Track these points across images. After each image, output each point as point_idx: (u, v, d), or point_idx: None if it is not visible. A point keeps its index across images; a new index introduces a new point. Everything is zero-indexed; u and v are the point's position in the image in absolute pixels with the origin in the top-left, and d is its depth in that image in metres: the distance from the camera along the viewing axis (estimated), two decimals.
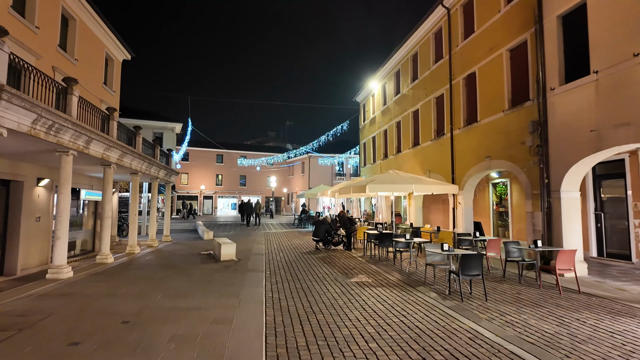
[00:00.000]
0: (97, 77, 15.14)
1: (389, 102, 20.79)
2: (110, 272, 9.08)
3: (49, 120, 6.99)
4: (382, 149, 21.81)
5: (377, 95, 23.06)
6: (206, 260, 11.00)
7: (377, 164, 22.67)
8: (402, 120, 18.88)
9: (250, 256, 11.63)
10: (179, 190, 47.16)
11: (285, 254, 12.47)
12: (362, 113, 26.41)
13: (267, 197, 51.83)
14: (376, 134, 22.94)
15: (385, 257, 11.62)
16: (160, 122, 41.98)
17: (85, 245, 16.20)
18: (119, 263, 10.40)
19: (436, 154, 15.39)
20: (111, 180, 10.65)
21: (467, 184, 13.15)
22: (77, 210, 15.61)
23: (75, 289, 7.11)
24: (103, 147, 9.61)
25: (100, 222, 10.54)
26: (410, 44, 17.90)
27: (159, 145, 15.72)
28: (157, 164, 14.56)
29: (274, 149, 55.19)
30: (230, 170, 50.68)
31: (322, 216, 13.95)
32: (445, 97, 14.72)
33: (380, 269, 9.66)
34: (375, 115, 23.06)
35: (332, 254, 12.48)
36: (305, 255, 12.03)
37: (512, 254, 8.71)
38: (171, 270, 9.27)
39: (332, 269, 9.57)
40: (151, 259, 11.41)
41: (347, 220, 13.39)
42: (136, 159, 12.12)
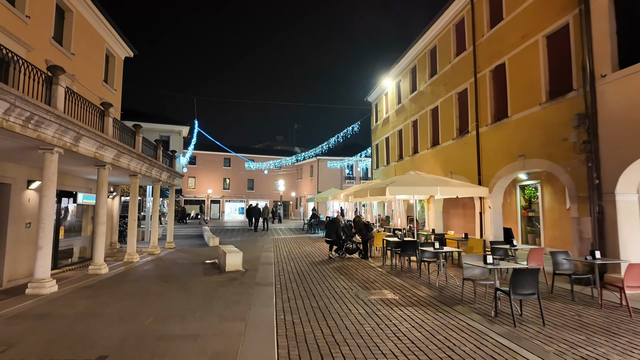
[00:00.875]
0: (96, 74, 14.28)
1: (404, 101, 19.66)
2: (101, 285, 8.06)
3: (25, 111, 6.01)
4: (397, 150, 20.65)
5: (390, 93, 21.95)
6: (210, 270, 9.94)
7: (391, 166, 21.51)
8: (419, 119, 17.73)
9: (259, 266, 10.54)
10: (186, 194, 46.43)
11: (296, 263, 11.37)
12: (374, 113, 25.30)
13: (275, 201, 50.81)
14: (390, 135, 21.80)
15: (407, 267, 10.46)
16: (167, 125, 41.24)
17: (84, 252, 15.28)
18: (113, 274, 9.39)
19: (459, 154, 14.20)
20: (106, 182, 9.68)
21: (496, 186, 11.94)
22: (75, 215, 14.71)
23: (54, 308, 6.08)
24: (95, 146, 8.64)
25: (94, 229, 9.57)
26: (427, 37, 16.79)
27: (161, 145, 14.78)
28: (158, 166, 13.61)
29: (282, 153, 54.25)
30: (237, 174, 49.86)
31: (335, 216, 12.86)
32: (469, 92, 13.56)
33: (405, 282, 8.50)
34: (389, 115, 21.94)
35: (348, 263, 11.34)
36: (319, 265, 10.91)
37: (561, 266, 7.50)
38: (169, 284, 8.22)
39: (351, 282, 8.44)
40: (150, 269, 10.39)
41: (363, 225, 12.26)
42: (135, 159, 11.16)
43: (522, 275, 5.59)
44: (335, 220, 12.71)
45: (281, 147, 69.63)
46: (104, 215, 9.63)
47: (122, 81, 17.16)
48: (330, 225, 12.55)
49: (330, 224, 12.60)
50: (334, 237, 12.28)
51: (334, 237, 12.27)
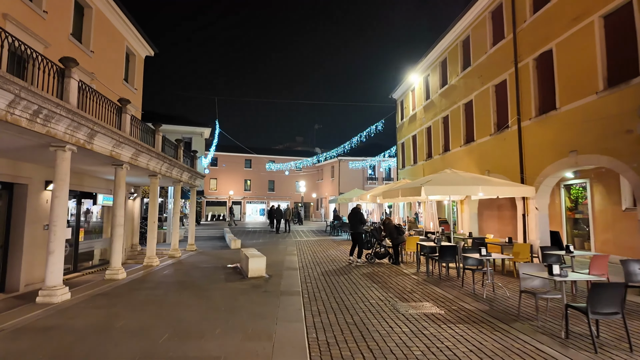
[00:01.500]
0: (116, 73, 13.97)
1: (433, 96, 18.61)
2: (117, 292, 7.52)
3: (32, 103, 5.50)
4: (425, 148, 19.61)
5: (417, 89, 20.92)
6: (231, 276, 9.30)
7: (418, 165, 20.47)
8: (451, 114, 16.67)
9: (283, 271, 9.84)
10: (208, 195, 46.55)
11: (322, 268, 10.61)
12: (399, 111, 24.29)
13: (296, 203, 50.32)
14: (417, 132, 20.76)
15: (445, 274, 9.52)
16: (189, 127, 41.30)
17: (105, 254, 14.99)
18: (130, 279, 8.88)
19: (497, 151, 13.10)
20: (123, 182, 9.20)
21: (542, 185, 10.84)
22: (96, 216, 14.44)
23: (62, 320, 5.53)
24: (111, 143, 8.15)
25: (111, 231, 9.11)
26: (459, 28, 15.73)
27: (182, 145, 14.33)
28: (179, 166, 13.14)
29: (303, 153, 53.73)
30: (258, 175, 49.65)
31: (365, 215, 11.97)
32: (509, 84, 12.47)
33: (447, 292, 7.59)
34: (416, 112, 20.91)
35: (378, 268, 10.49)
36: (347, 271, 10.11)
37: (634, 277, 6.44)
38: (189, 291, 7.60)
39: (386, 292, 7.60)
40: (169, 273, 9.85)
41: (394, 228, 11.37)
42: (154, 159, 10.67)
43: (603, 291, 4.64)
44: (356, 211, 11.81)
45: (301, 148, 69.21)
46: (121, 217, 9.15)
47: (143, 81, 16.89)
48: (353, 217, 11.68)
49: (353, 216, 11.73)
50: (360, 227, 11.45)
51: (359, 228, 11.42)
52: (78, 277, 11.73)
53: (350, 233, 11.79)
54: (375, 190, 16.38)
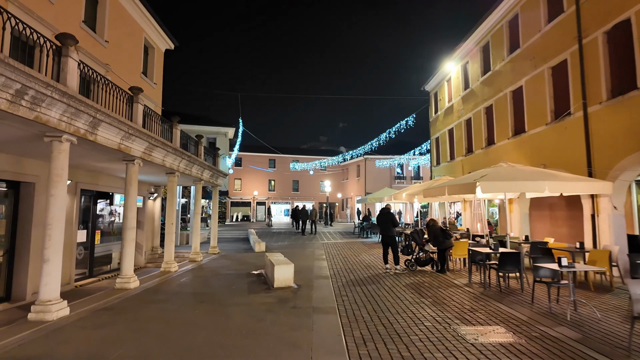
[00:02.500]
0: (133, 66, 13.21)
1: (473, 85, 16.95)
2: (123, 306, 6.52)
3: (13, 81, 4.52)
4: (464, 143, 17.94)
5: (454, 79, 19.26)
6: (255, 285, 8.18)
7: (456, 161, 18.81)
8: (496, 104, 15.00)
9: (313, 280, 8.63)
10: (232, 196, 46.13)
11: (356, 275, 9.33)
12: (432, 104, 22.65)
13: (321, 203, 49.20)
14: (454, 126, 19.10)
15: (505, 286, 8.03)
16: (213, 127, 41.07)
17: None
18: (143, 289, 7.90)
19: (555, 142, 11.41)
20: (135, 179, 8.24)
21: (617, 180, 9.14)
22: (113, 217, 13.73)
23: (49, 347, 4.51)
24: (119, 135, 7.19)
25: (123, 234, 8.18)
26: (505, 6, 14.06)
27: (202, 142, 13.41)
28: (199, 163, 12.19)
29: (327, 153, 52.52)
30: (282, 175, 48.85)
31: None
32: (571, 64, 10.77)
33: (516, 311, 6.15)
34: (453, 103, 19.25)
35: (422, 278, 9.11)
36: (386, 281, 8.78)
37: None
38: (205, 306, 6.51)
39: (442, 311, 6.24)
40: (186, 282, 8.83)
41: (440, 232, 9.94)
42: (171, 154, 9.71)
43: None
44: (385, 211, 10.36)
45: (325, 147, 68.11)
46: (133, 219, 8.19)
47: (163, 76, 16.15)
48: (383, 218, 10.29)
49: (383, 217, 10.31)
50: (393, 230, 10.04)
51: (390, 231, 10.01)
52: (93, 283, 10.96)
53: (381, 236, 10.41)
54: (411, 188, 14.92)
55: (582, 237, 10.36)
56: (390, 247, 10.09)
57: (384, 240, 10.21)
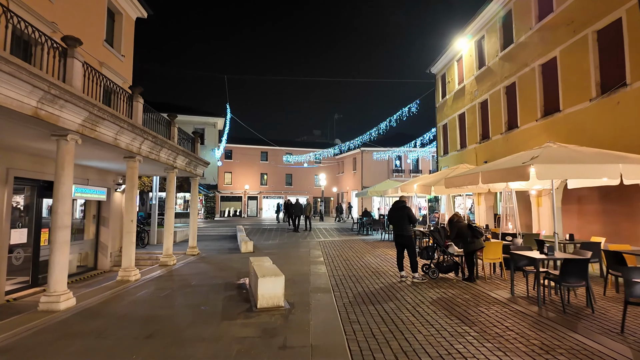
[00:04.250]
0: (93, 30, 10.96)
1: (491, 62, 14.94)
2: (32, 343, 4.40)
3: None
4: (478, 128, 15.95)
5: (466, 57, 17.23)
6: (233, 304, 6.10)
7: (468, 149, 16.83)
8: (519, 81, 13.01)
9: (310, 295, 6.58)
10: (222, 190, 43.85)
11: (365, 286, 7.31)
12: (439, 87, 20.62)
13: (315, 197, 47.21)
14: (466, 110, 17.10)
15: (567, 301, 6.05)
16: (201, 117, 38.70)
17: (87, 259, 12.16)
18: (77, 311, 5.77)
19: (602, 122, 9.46)
20: (66, 161, 6.06)
21: None
22: (78, 213, 11.54)
23: None
24: (35, 95, 5.02)
25: (50, 236, 6.03)
26: None
27: (175, 123, 11.22)
28: (170, 147, 10.01)
29: (322, 146, 50.33)
30: (275, 169, 46.65)
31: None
32: (626, 24, 8.78)
33: (610, 349, 4.17)
34: (465, 85, 17.23)
35: (449, 289, 7.11)
36: (405, 294, 6.76)
37: None
38: (153, 342, 4.43)
39: (502, 348, 4.23)
40: (143, 297, 6.72)
41: (467, 229, 7.94)
42: (127, 131, 7.54)
43: None
44: (400, 206, 8.30)
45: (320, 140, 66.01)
46: (66, 216, 6.02)
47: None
48: (397, 213, 8.20)
49: (397, 212, 8.22)
50: (408, 229, 8.01)
51: (407, 230, 7.99)
52: (37, 295, 8.80)
53: (395, 236, 8.33)
54: (423, 178, 12.86)
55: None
56: (406, 250, 8.05)
57: (399, 241, 8.16)
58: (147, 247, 14.77)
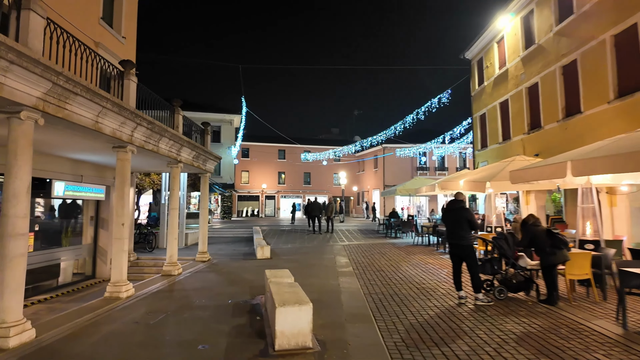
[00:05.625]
0: (85, 4, 9.57)
1: (542, 39, 12.89)
2: None
3: None
4: (526, 117, 13.91)
5: (509, 37, 15.17)
6: (242, 343, 4.47)
7: (513, 142, 14.79)
8: (582, 58, 10.97)
9: (346, 328, 4.89)
10: (239, 189, 42.63)
11: (416, 312, 5.57)
12: (475, 74, 18.56)
13: (334, 196, 45.50)
14: (509, 97, 15.05)
15: None
16: (217, 114, 37.50)
17: (85, 266, 10.82)
18: (27, 351, 4.25)
19: None
20: (25, 149, 4.56)
21: None
22: (63, 215, 10.20)
23: None
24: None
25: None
26: None
27: (179, 110, 9.71)
28: (172, 136, 8.48)
29: (341, 143, 48.57)
30: (293, 167, 45.15)
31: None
32: None
33: None
34: (508, 69, 15.18)
35: (532, 318, 5.30)
36: (474, 325, 4.99)
37: None
38: None
39: None
40: (124, 329, 5.16)
41: (546, 237, 6.10)
42: (113, 113, 6.02)
43: None
44: (457, 207, 6.50)
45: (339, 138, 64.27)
46: (17, 221, 4.49)
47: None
48: (455, 216, 6.47)
49: (454, 214, 6.47)
50: (467, 236, 6.21)
51: (466, 238, 6.18)
52: None
53: (451, 245, 6.53)
54: (472, 173, 10.92)
55: None
56: (466, 263, 6.26)
57: (455, 251, 6.36)
58: (154, 252, 13.41)
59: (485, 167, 10.46)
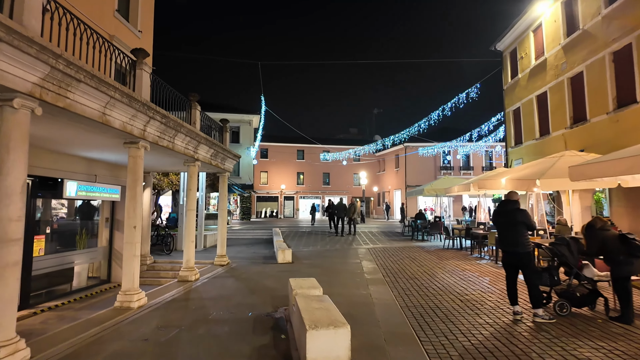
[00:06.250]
0: None
1: (588, 24, 11.75)
2: None
3: None
4: (568, 109, 12.76)
5: (548, 24, 14.02)
6: None
7: (552, 137, 13.63)
8: (637, 42, 9.83)
9: (387, 352, 4.13)
10: (258, 190, 42.31)
11: (467, 331, 4.75)
12: (507, 66, 17.39)
13: (354, 197, 44.57)
14: (548, 88, 13.89)
15: None
16: (236, 115, 37.23)
17: (100, 270, 10.41)
18: None
19: None
20: (19, 141, 4.03)
21: None
22: (80, 215, 9.80)
23: None
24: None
25: None
26: None
27: (196, 105, 9.14)
28: (189, 132, 7.90)
29: (360, 143, 47.65)
30: (312, 167, 44.48)
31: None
32: None
33: None
34: (545, 58, 14.03)
35: (608, 340, 4.40)
36: (542, 350, 4.14)
37: None
38: None
39: None
40: (130, 348, 4.55)
41: (618, 242, 5.17)
42: (122, 104, 5.46)
43: None
44: (512, 206, 5.55)
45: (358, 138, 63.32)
46: (9, 224, 3.96)
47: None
48: (510, 219, 5.51)
49: (504, 217, 5.55)
50: (525, 242, 5.33)
51: (523, 244, 5.30)
52: (25, 319, 7.01)
53: (505, 253, 5.61)
54: (512, 171, 9.93)
55: None
56: (523, 273, 5.37)
57: (510, 260, 5.47)
58: (172, 254, 12.96)
59: (530, 164, 9.45)
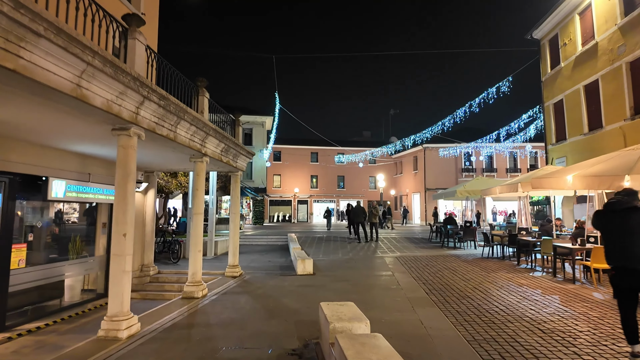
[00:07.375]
0: None
1: None
2: None
3: None
4: (628, 99, 11.13)
5: (598, 4, 12.43)
6: None
7: (606, 130, 11.99)
8: None
9: None
10: (271, 194, 41.13)
11: None
12: (546, 55, 15.80)
13: (370, 201, 43.01)
14: (599, 76, 12.29)
15: None
16: (249, 116, 36.14)
17: (96, 282, 9.18)
18: None
19: None
20: None
21: None
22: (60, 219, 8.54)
23: None
24: None
25: None
26: None
27: (205, 92, 7.88)
28: (192, 119, 6.63)
29: (376, 145, 46.17)
30: (326, 170, 43.15)
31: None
32: None
33: None
34: (596, 42, 12.44)
35: None
36: None
37: None
38: None
39: None
40: None
41: None
42: (101, 73, 4.22)
43: None
44: (630, 204, 4.08)
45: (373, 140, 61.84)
46: None
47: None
48: (631, 225, 3.99)
49: (619, 220, 3.98)
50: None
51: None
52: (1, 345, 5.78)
53: (623, 271, 4.00)
54: (580, 166, 8.36)
55: None
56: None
57: (632, 282, 3.97)
58: (179, 263, 11.70)
59: (598, 159, 7.88)
